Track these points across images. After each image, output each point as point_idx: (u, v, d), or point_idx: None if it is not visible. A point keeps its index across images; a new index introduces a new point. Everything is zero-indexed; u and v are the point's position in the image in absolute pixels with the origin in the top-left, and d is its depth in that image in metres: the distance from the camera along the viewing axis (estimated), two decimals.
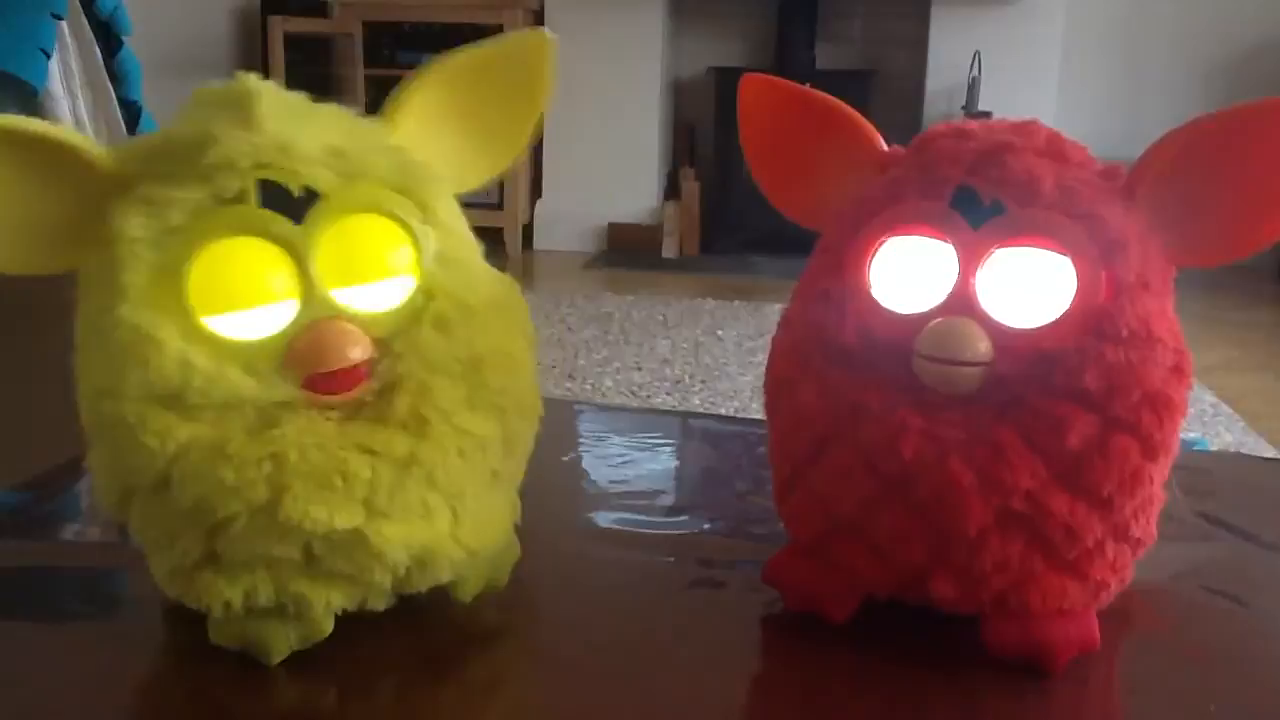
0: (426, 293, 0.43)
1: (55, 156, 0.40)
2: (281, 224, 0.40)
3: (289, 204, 0.40)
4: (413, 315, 0.42)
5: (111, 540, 0.57)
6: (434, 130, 0.46)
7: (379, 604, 0.43)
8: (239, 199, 0.40)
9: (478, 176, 0.48)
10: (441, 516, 0.42)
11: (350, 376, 0.41)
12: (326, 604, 0.41)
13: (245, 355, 0.39)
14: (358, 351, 0.40)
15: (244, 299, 0.40)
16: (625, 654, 0.45)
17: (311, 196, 0.40)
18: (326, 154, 0.41)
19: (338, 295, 0.41)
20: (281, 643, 0.42)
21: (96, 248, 0.40)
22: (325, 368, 0.40)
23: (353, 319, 0.41)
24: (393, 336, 0.42)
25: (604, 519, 0.58)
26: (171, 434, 0.38)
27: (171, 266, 0.39)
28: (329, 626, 0.42)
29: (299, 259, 0.40)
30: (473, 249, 0.46)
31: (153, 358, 0.38)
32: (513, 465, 0.46)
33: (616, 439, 0.71)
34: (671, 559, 0.53)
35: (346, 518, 0.39)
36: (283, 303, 0.40)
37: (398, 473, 0.40)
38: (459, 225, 0.45)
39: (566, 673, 0.45)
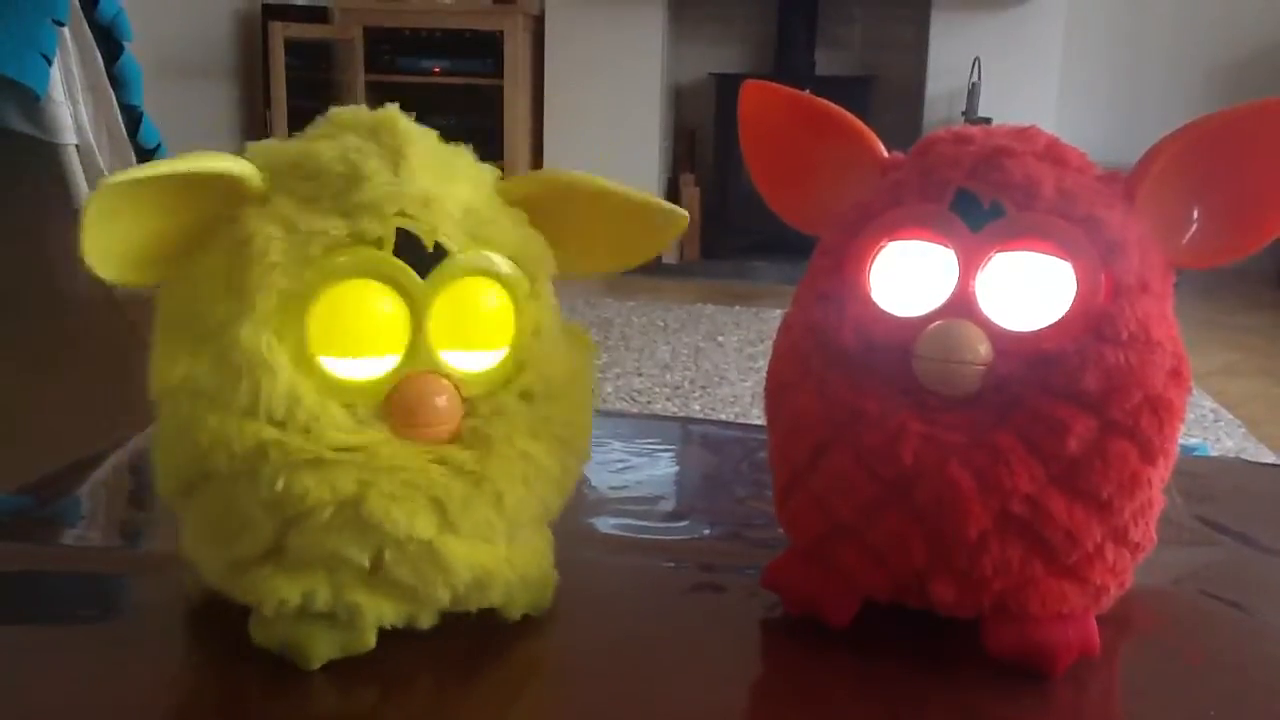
0: (519, 364, 0.45)
1: (203, 185, 0.41)
2: (409, 276, 0.41)
3: (418, 256, 0.41)
4: (503, 382, 0.44)
5: (113, 544, 0.57)
6: None
7: (427, 622, 0.43)
8: (375, 243, 0.41)
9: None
10: (500, 541, 0.43)
11: (441, 435, 0.42)
12: (378, 617, 0.42)
13: (348, 395, 0.41)
14: (449, 412, 0.42)
15: (358, 342, 0.41)
16: (625, 659, 0.45)
17: (439, 252, 0.42)
18: (462, 212, 0.43)
19: (440, 350, 0.42)
20: (323, 649, 0.42)
21: (221, 250, 0.41)
22: (418, 422, 0.41)
23: (449, 375, 0.42)
24: (481, 399, 0.43)
25: (604, 524, 0.58)
26: (263, 434, 0.39)
27: (300, 297, 0.40)
28: (373, 640, 0.42)
29: (416, 313, 0.42)
30: (558, 315, 0.47)
31: (265, 383, 0.39)
32: (559, 505, 0.47)
33: (617, 445, 0.71)
34: (671, 564, 0.53)
35: (423, 526, 0.40)
36: (392, 352, 0.42)
37: (470, 487, 0.41)
38: (551, 294, 0.47)
39: (566, 678, 0.46)
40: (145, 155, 1.10)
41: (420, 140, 0.44)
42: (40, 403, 0.98)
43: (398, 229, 0.41)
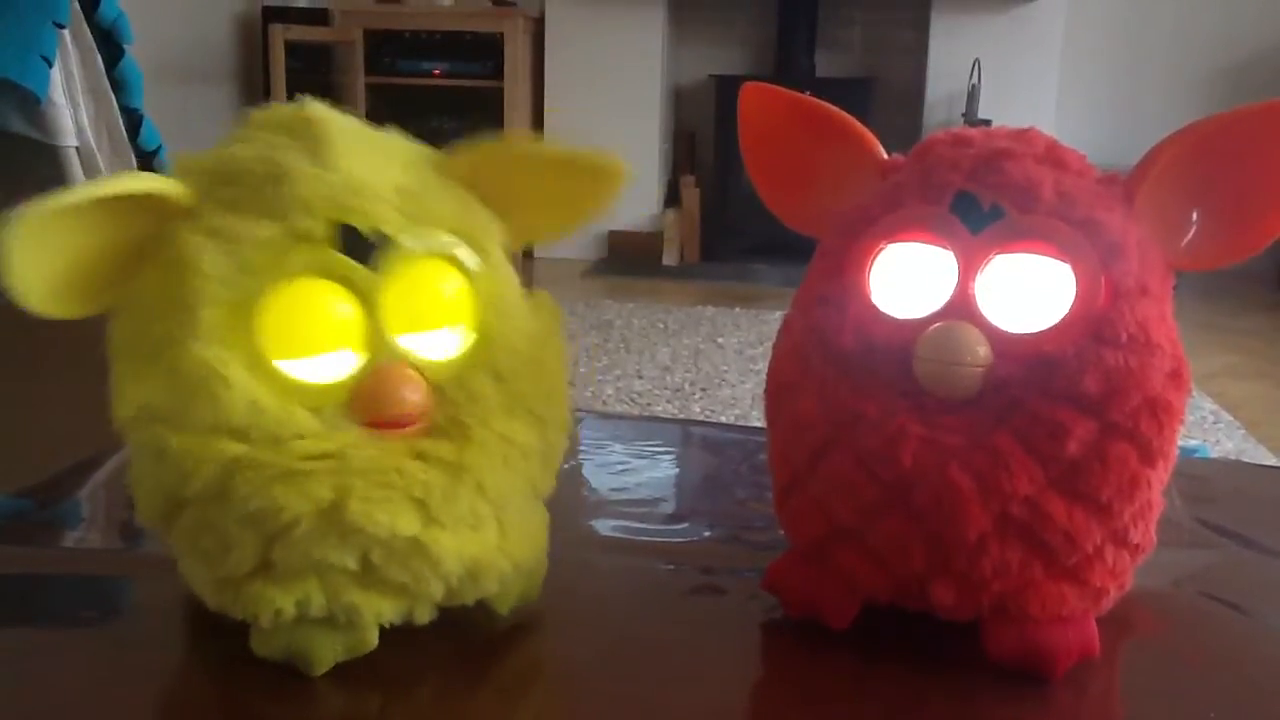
0: (484, 341, 0.44)
1: (128, 207, 0.40)
2: (355, 270, 0.40)
3: (359, 246, 0.40)
4: (470, 363, 0.43)
5: (113, 547, 0.57)
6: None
7: (424, 616, 0.43)
8: (312, 239, 0.40)
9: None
10: (490, 527, 0.42)
11: (406, 420, 0.41)
12: (377, 615, 0.41)
13: (311, 397, 0.40)
14: (417, 399, 0.41)
15: (313, 343, 0.40)
16: (625, 661, 0.45)
17: (380, 240, 0.41)
18: (396, 194, 0.42)
19: (401, 341, 0.41)
20: (328, 654, 0.41)
21: (156, 269, 0.40)
22: (387, 415, 0.41)
23: (413, 364, 0.42)
24: (448, 383, 0.42)
25: (604, 526, 0.58)
26: (230, 449, 0.39)
27: (244, 305, 0.39)
28: (374, 639, 0.42)
29: (369, 305, 0.41)
30: (516, 284, 0.46)
31: (222, 395, 0.38)
32: (548, 480, 0.46)
33: (617, 447, 0.71)
34: (672, 566, 0.53)
35: (406, 524, 0.40)
36: (349, 351, 0.41)
37: (450, 479, 0.41)
38: (506, 265, 0.46)
39: (566, 680, 0.46)
40: (146, 157, 1.10)
41: (342, 128, 0.42)
42: (39, 405, 0.98)
43: (333, 222, 0.40)
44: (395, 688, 0.42)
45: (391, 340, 0.41)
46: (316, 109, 0.43)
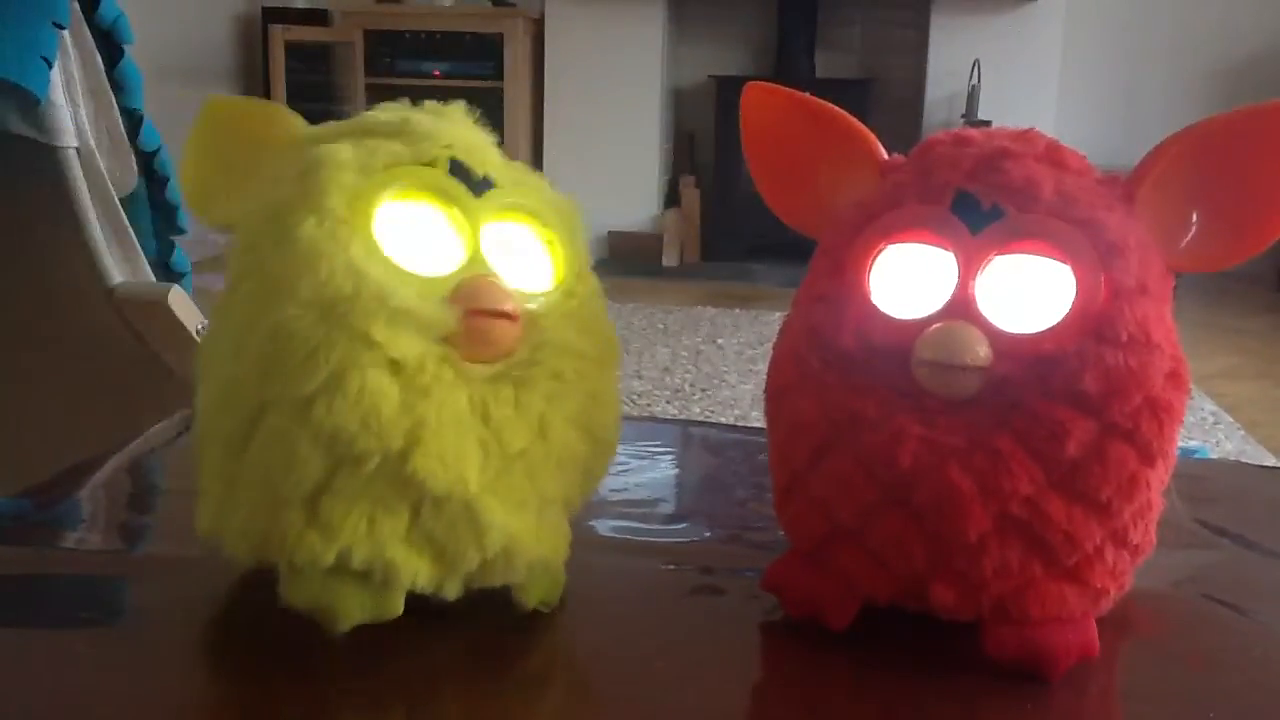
0: (568, 292, 0.46)
1: (261, 119, 0.46)
2: (463, 191, 0.44)
3: (470, 181, 0.44)
4: (557, 306, 0.46)
5: (114, 547, 0.57)
6: None
7: (453, 591, 0.43)
8: (431, 164, 0.44)
9: None
10: (530, 512, 0.44)
11: (506, 333, 0.43)
12: (413, 575, 0.42)
13: (416, 285, 0.42)
14: (513, 306, 0.43)
15: (421, 242, 0.43)
16: (624, 662, 0.46)
17: (488, 184, 0.45)
18: (504, 163, 0.47)
19: (495, 265, 0.44)
20: (355, 611, 0.42)
21: (289, 180, 0.43)
22: (488, 304, 0.42)
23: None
24: (539, 315, 0.44)
25: (604, 527, 0.58)
26: (334, 347, 0.39)
27: (366, 195, 0.42)
28: (400, 605, 0.42)
29: (473, 224, 0.44)
30: (598, 284, 0.49)
31: (331, 261, 0.40)
32: (581, 499, 0.47)
33: (617, 447, 0.71)
34: (671, 566, 0.53)
35: (470, 482, 0.41)
36: (453, 255, 0.43)
37: (508, 461, 0.42)
38: (589, 261, 0.49)
39: (565, 681, 0.46)
40: (146, 158, 1.10)
41: (462, 113, 0.47)
42: (40, 406, 0.98)
43: (449, 159, 0.44)
44: (395, 690, 0.42)
45: (488, 261, 0.44)
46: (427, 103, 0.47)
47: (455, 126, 0.46)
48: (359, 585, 0.42)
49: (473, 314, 0.42)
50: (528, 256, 0.46)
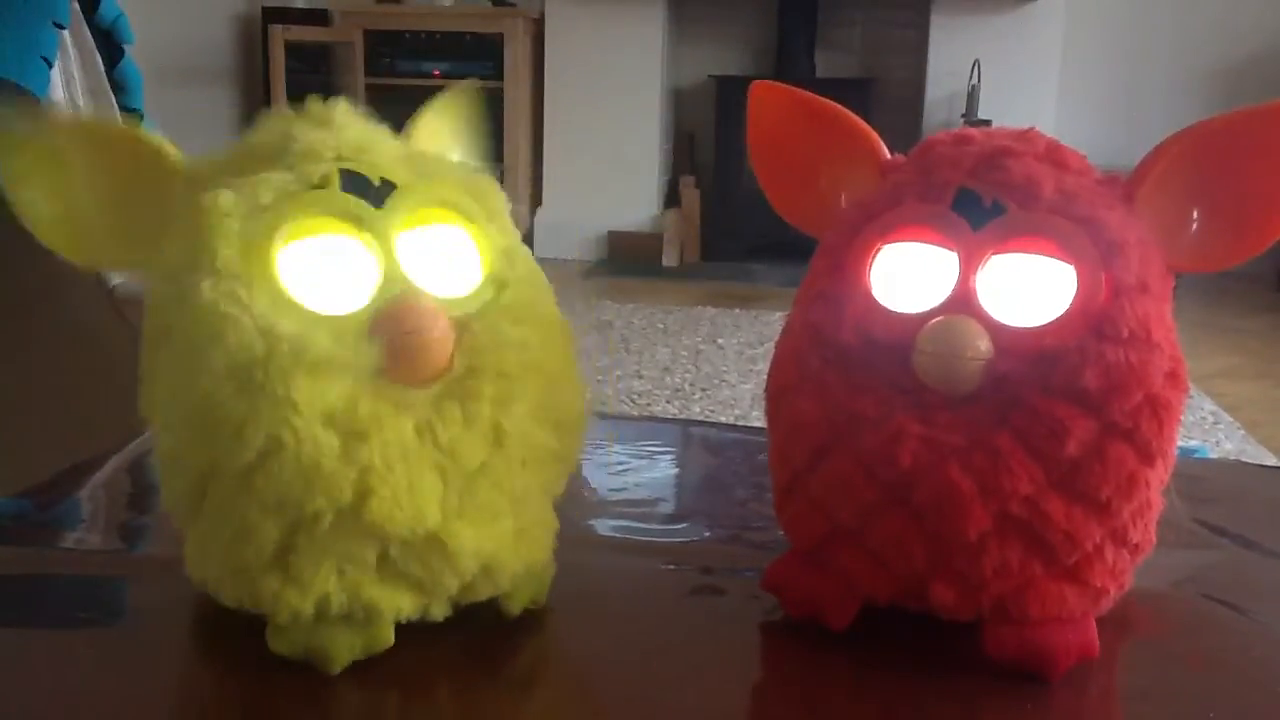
0: (498, 283, 0.43)
1: (135, 153, 0.42)
2: (364, 207, 0.41)
3: (368, 192, 0.41)
4: (487, 303, 0.43)
5: (113, 547, 0.57)
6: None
7: (440, 613, 0.43)
8: (322, 184, 0.41)
9: None
10: (505, 523, 0.43)
11: (437, 353, 0.40)
12: (395, 611, 0.42)
13: (331, 326, 0.39)
14: (440, 324, 0.40)
15: (329, 275, 0.41)
16: (624, 662, 0.45)
17: (388, 187, 0.42)
18: (400, 157, 0.43)
19: (415, 277, 0.41)
20: (345, 652, 0.41)
21: (172, 236, 0.41)
22: (410, 330, 0.40)
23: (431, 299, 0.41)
24: (470, 319, 0.42)
25: (604, 526, 0.58)
26: (259, 415, 0.38)
27: (259, 241, 0.39)
28: (391, 637, 0.42)
29: (381, 240, 0.41)
30: (527, 251, 0.46)
31: (237, 324, 0.38)
32: (561, 484, 0.47)
33: (616, 447, 0.71)
34: (671, 566, 0.53)
35: (430, 516, 0.40)
36: (366, 281, 0.41)
37: (471, 477, 0.41)
38: (512, 225, 0.46)
39: (565, 681, 0.46)
40: None
41: (345, 109, 0.44)
42: (40, 405, 0.98)
43: (341, 170, 0.41)
44: (392, 692, 0.42)
45: (405, 274, 0.41)
46: (315, 102, 0.44)
47: (342, 130, 0.43)
48: (345, 626, 0.41)
49: (396, 343, 0.40)
50: (448, 256, 0.43)
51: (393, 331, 0.40)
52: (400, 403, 0.40)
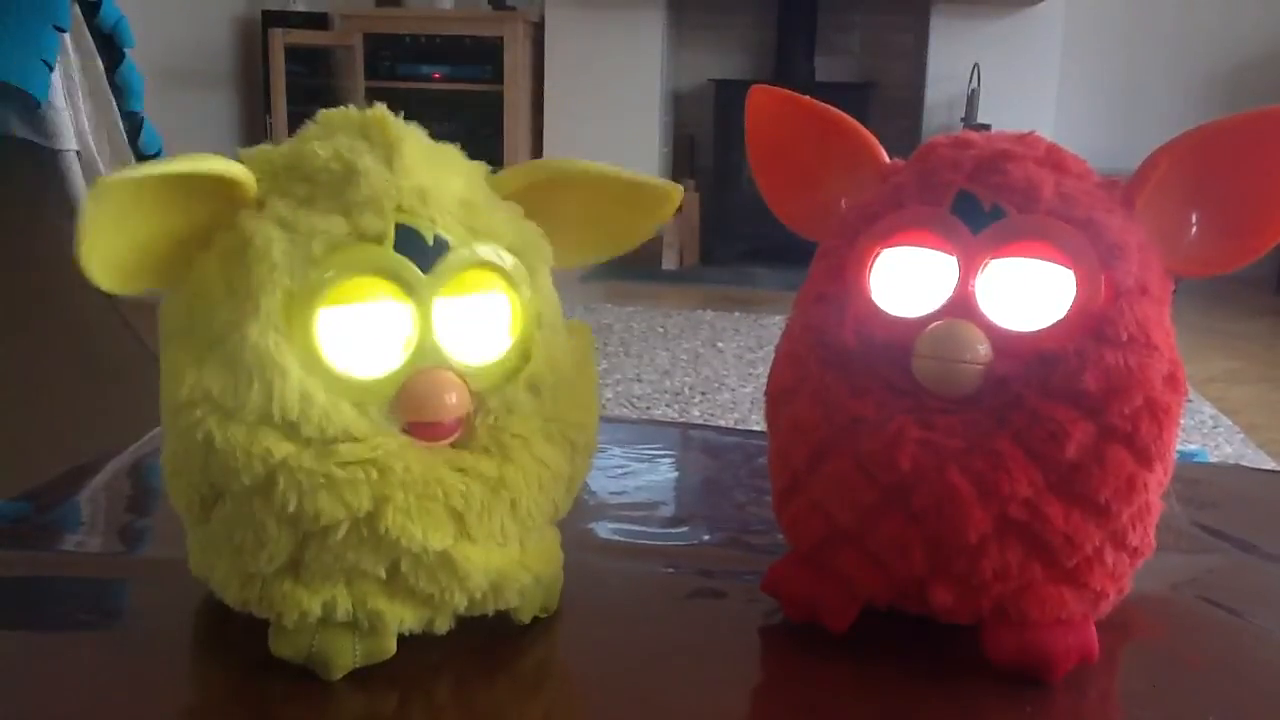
0: (524, 354, 0.44)
1: (199, 187, 0.40)
2: (412, 272, 0.41)
3: (419, 250, 0.41)
4: (509, 373, 0.44)
5: (113, 550, 0.57)
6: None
7: (444, 626, 0.43)
8: (376, 239, 0.41)
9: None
10: (514, 544, 0.43)
11: (448, 429, 0.42)
12: (399, 622, 0.42)
13: (357, 393, 0.41)
14: (456, 403, 0.42)
15: (364, 340, 0.41)
16: (624, 664, 0.45)
17: (440, 248, 0.42)
18: (458, 206, 0.43)
19: (446, 345, 0.42)
20: (346, 658, 0.42)
21: (221, 255, 0.41)
22: (428, 418, 0.41)
23: (456, 369, 0.42)
24: (489, 391, 0.43)
25: (603, 530, 0.58)
26: (276, 450, 0.39)
27: (304, 296, 0.40)
28: (393, 646, 0.42)
29: (421, 307, 0.41)
30: (558, 305, 0.47)
31: (277, 384, 0.39)
32: (570, 501, 0.47)
33: (616, 450, 0.71)
34: (671, 569, 0.54)
35: (439, 538, 0.40)
36: (400, 345, 0.41)
37: (488, 494, 0.41)
38: (551, 286, 0.47)
39: (565, 683, 0.46)
40: (146, 161, 1.11)
41: (411, 136, 0.44)
42: (40, 407, 0.98)
43: (397, 224, 0.41)
44: (393, 693, 0.42)
45: (438, 345, 0.42)
46: (387, 115, 0.44)
47: (408, 172, 0.42)
48: (349, 633, 0.42)
49: (415, 425, 0.41)
50: (481, 324, 0.44)
51: (413, 414, 0.41)
52: (419, 448, 0.41)
